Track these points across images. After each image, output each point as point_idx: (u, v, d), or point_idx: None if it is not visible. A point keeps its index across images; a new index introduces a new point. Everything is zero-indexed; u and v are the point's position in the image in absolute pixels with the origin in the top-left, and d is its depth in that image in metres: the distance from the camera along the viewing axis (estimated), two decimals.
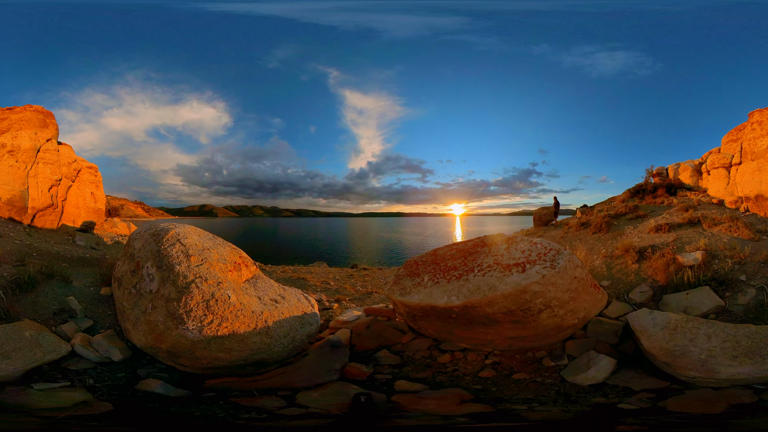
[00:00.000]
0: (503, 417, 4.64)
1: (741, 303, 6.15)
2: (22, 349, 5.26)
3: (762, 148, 10.13)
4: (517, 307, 5.30)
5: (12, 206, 10.54)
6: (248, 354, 5.10)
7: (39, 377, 5.12)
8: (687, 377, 4.89)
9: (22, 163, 10.77)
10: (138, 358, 5.72)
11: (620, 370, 5.28)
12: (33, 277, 6.76)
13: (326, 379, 5.49)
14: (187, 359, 5.13)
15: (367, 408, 4.70)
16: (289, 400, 5.04)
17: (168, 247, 5.57)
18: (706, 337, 5.14)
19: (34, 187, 10.76)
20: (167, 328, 4.94)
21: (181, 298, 4.98)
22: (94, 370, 5.38)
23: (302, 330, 5.60)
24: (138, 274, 5.71)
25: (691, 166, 13.41)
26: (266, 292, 5.78)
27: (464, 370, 5.67)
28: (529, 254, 5.80)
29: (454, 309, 5.46)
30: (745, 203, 10.30)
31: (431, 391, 5.24)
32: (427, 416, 4.71)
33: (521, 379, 5.41)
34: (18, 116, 11.50)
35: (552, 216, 14.83)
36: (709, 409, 4.55)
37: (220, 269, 5.49)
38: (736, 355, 4.83)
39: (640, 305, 6.58)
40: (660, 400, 4.70)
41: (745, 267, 6.83)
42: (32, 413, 4.46)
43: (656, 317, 5.69)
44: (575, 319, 5.81)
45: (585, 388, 5.07)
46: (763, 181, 9.83)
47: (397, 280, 6.66)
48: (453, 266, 6.22)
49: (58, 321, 6.14)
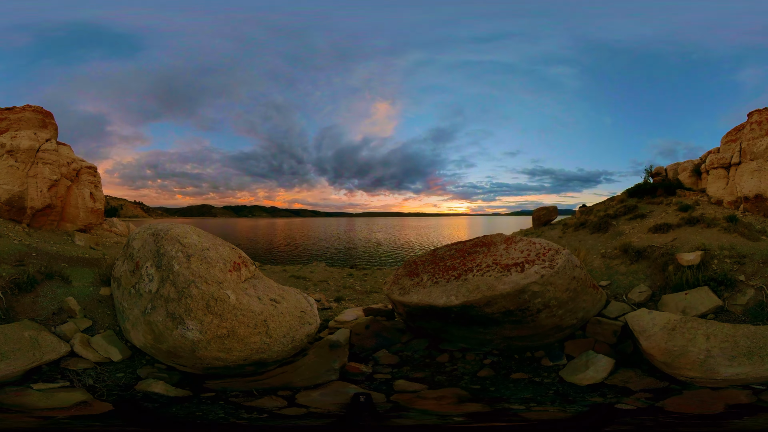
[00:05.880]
0: (501, 416, 4.65)
1: (740, 303, 6.16)
2: (22, 350, 5.26)
3: (761, 148, 10.14)
4: (515, 307, 5.31)
5: (11, 206, 10.53)
6: (248, 354, 5.10)
7: (38, 377, 5.12)
8: (686, 377, 4.90)
9: (21, 164, 10.75)
10: (138, 358, 5.72)
11: (619, 370, 5.29)
12: (32, 277, 6.75)
13: (326, 379, 5.49)
14: (186, 359, 5.13)
15: (367, 407, 4.71)
16: (290, 400, 5.04)
17: (167, 247, 5.57)
18: (705, 338, 5.15)
19: (33, 187, 10.75)
20: (167, 328, 4.94)
21: (180, 299, 4.98)
22: (94, 371, 5.38)
23: (302, 330, 5.60)
24: (137, 274, 5.71)
25: (690, 167, 13.42)
26: (266, 292, 5.79)
27: (463, 369, 5.68)
28: (528, 254, 5.81)
29: (453, 309, 5.46)
30: (744, 203, 10.31)
31: (430, 390, 5.25)
32: (426, 416, 4.72)
33: (520, 378, 5.42)
34: (17, 116, 11.48)
35: (551, 216, 14.82)
36: (708, 409, 4.56)
37: (220, 269, 5.49)
38: (735, 356, 4.84)
39: (638, 305, 6.59)
40: (658, 400, 4.71)
41: (744, 267, 6.84)
42: (32, 413, 4.46)
43: (655, 317, 5.70)
44: (574, 319, 5.82)
45: (583, 388, 5.07)
46: (762, 181, 9.84)
47: (396, 280, 6.67)
48: (452, 266, 6.22)
49: (57, 321, 6.14)
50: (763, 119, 10.56)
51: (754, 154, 10.31)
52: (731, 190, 10.96)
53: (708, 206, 11.04)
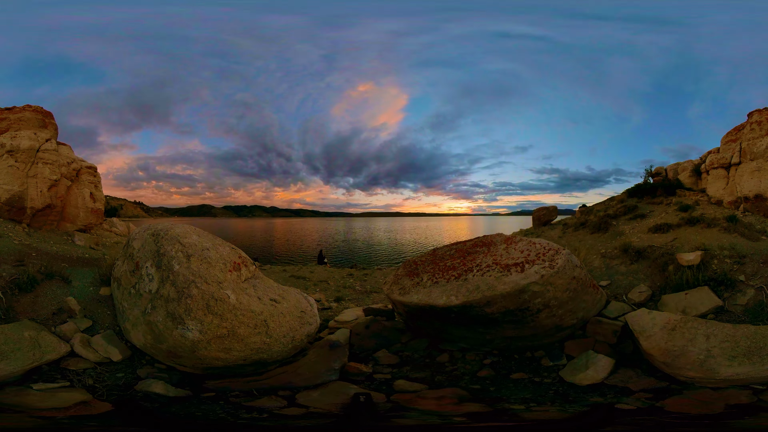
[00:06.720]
0: (501, 416, 4.65)
1: (740, 303, 6.16)
2: (22, 350, 5.26)
3: (761, 148, 10.14)
4: (515, 307, 5.31)
5: (11, 206, 10.52)
6: (248, 354, 5.10)
7: (38, 377, 5.12)
8: (686, 377, 4.90)
9: (21, 164, 10.74)
10: (137, 358, 5.72)
11: (619, 370, 5.29)
12: (32, 277, 6.75)
13: (326, 379, 5.49)
14: (186, 359, 5.13)
15: (367, 407, 4.71)
16: (290, 400, 5.04)
17: (167, 247, 5.57)
18: (705, 338, 5.15)
19: (33, 187, 10.74)
20: (167, 328, 4.95)
21: (180, 299, 4.98)
22: (94, 371, 5.38)
23: (302, 330, 5.60)
24: (137, 274, 5.71)
25: (690, 167, 13.42)
26: (266, 292, 5.78)
27: (463, 369, 5.68)
28: (528, 254, 5.81)
29: (453, 309, 5.46)
30: (744, 203, 10.31)
31: (430, 390, 5.24)
32: (426, 416, 4.72)
33: (519, 378, 5.42)
34: (17, 116, 11.47)
35: (551, 216, 14.81)
36: (708, 409, 4.55)
37: (220, 269, 5.49)
38: (735, 356, 4.84)
39: (638, 305, 6.59)
40: (658, 400, 4.70)
41: (744, 267, 6.84)
42: (32, 413, 4.46)
43: (655, 317, 5.70)
44: (574, 319, 5.82)
45: (583, 388, 5.07)
46: (762, 181, 9.85)
47: (396, 280, 6.67)
48: (452, 266, 6.23)
49: (57, 321, 6.14)
50: (763, 119, 10.57)
51: (754, 154, 10.31)
52: (731, 190, 10.96)
53: (708, 206, 11.04)
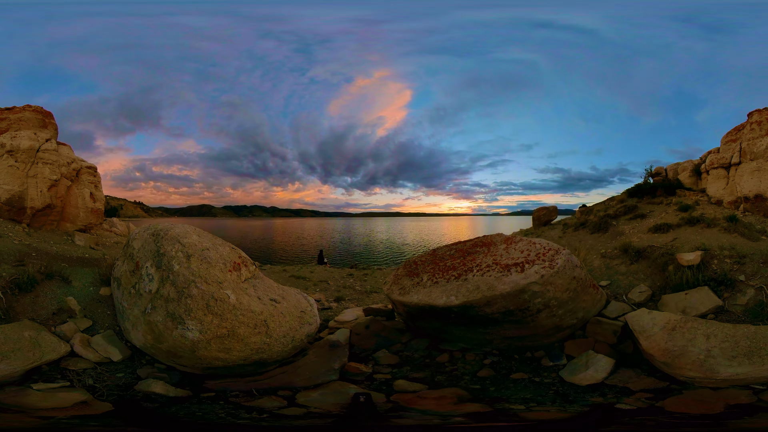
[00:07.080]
0: (501, 416, 4.65)
1: (740, 303, 6.16)
2: (22, 350, 5.26)
3: (761, 148, 10.15)
4: (515, 307, 5.31)
5: (11, 206, 10.52)
6: (248, 354, 5.10)
7: (38, 377, 5.12)
8: (686, 377, 4.90)
9: (21, 164, 10.74)
10: (137, 358, 5.72)
11: (619, 370, 5.29)
12: (32, 277, 6.75)
13: (326, 379, 5.49)
14: (186, 359, 5.13)
15: (367, 407, 4.71)
16: (290, 400, 5.04)
17: (167, 247, 5.57)
18: (705, 338, 5.15)
19: (33, 187, 10.74)
20: (167, 328, 4.95)
21: (180, 299, 4.98)
22: (94, 371, 5.38)
23: (302, 330, 5.60)
24: (137, 274, 5.71)
25: (690, 167, 13.42)
26: (266, 292, 5.79)
27: (463, 369, 5.68)
28: (528, 254, 5.81)
29: (453, 309, 5.46)
30: (744, 203, 10.31)
31: (430, 390, 5.25)
32: (426, 415, 4.72)
33: (519, 378, 5.42)
34: (17, 116, 11.47)
35: (551, 216, 14.82)
36: (708, 409, 4.55)
37: (220, 269, 5.49)
38: (735, 356, 4.84)
39: (638, 305, 6.59)
40: (658, 400, 4.71)
41: (744, 267, 6.84)
42: (32, 413, 4.47)
43: (655, 317, 5.70)
44: (574, 319, 5.82)
45: (583, 388, 5.07)
46: (762, 181, 9.85)
47: (396, 280, 6.67)
48: (452, 266, 6.23)
49: (57, 321, 6.14)
50: (763, 119, 10.57)
51: (754, 154, 10.31)
52: (731, 190, 10.96)
53: (708, 206, 11.05)
